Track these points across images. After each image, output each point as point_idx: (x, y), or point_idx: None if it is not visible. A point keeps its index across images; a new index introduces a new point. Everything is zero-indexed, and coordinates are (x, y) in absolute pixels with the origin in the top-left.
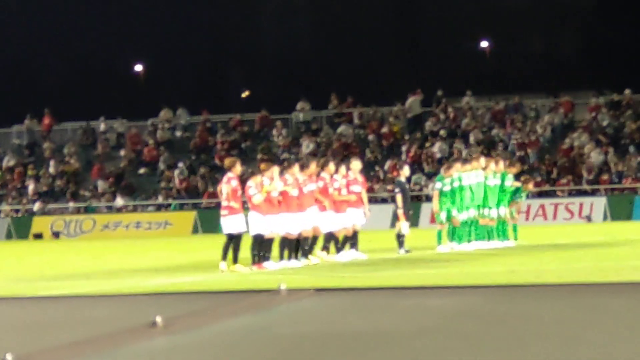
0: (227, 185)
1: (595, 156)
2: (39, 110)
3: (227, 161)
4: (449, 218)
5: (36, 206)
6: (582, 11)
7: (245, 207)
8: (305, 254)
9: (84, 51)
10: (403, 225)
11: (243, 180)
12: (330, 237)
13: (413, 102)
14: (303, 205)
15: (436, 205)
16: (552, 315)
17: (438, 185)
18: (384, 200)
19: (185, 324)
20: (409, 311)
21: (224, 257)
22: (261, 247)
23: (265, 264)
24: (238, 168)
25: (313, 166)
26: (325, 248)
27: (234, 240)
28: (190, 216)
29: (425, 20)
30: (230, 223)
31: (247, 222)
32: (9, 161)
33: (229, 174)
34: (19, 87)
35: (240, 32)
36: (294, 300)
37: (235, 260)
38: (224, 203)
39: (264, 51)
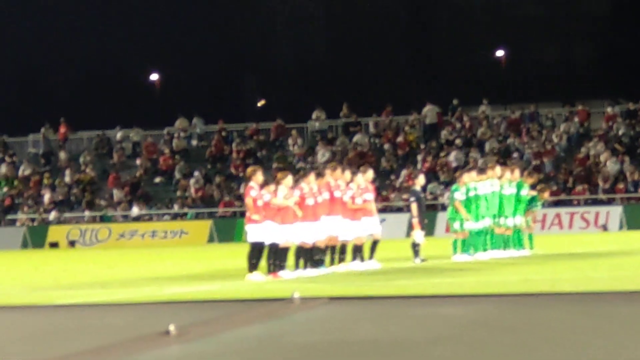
0: (248, 197)
1: (611, 165)
2: (55, 119)
3: (248, 170)
4: (463, 228)
5: (52, 215)
6: (598, 20)
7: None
8: (318, 264)
9: (99, 60)
10: (418, 234)
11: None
12: (344, 247)
13: (429, 110)
14: (317, 214)
15: (465, 214)
16: (566, 324)
17: (457, 195)
18: (399, 210)
19: (198, 332)
20: (424, 320)
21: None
22: (276, 256)
23: (281, 273)
24: (259, 177)
25: (333, 173)
26: (341, 259)
27: (254, 249)
28: (205, 225)
29: (441, 29)
30: (251, 232)
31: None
32: (24, 170)
33: (250, 184)
34: (34, 96)
35: (256, 41)
36: (307, 309)
37: (252, 268)
38: (247, 214)
39: (279, 60)
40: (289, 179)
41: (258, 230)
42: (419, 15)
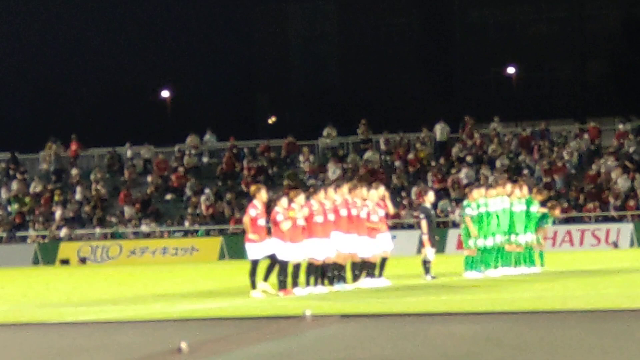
0: (246, 216)
1: (622, 182)
2: (66, 136)
3: (251, 188)
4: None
5: (63, 232)
6: (609, 38)
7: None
8: (331, 281)
9: (111, 77)
10: (428, 251)
11: (269, 206)
12: (363, 264)
13: (440, 129)
14: (328, 231)
15: (474, 230)
16: (578, 341)
17: (468, 211)
18: (410, 227)
19: (210, 349)
20: (435, 338)
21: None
22: (286, 273)
23: (294, 289)
24: (263, 195)
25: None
26: (356, 276)
27: (254, 267)
28: (216, 242)
29: (453, 47)
30: (249, 250)
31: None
32: (36, 187)
33: (254, 201)
34: (46, 113)
35: (268, 58)
36: (319, 327)
37: (253, 285)
38: (246, 232)
39: (291, 77)
40: (301, 197)
41: (256, 248)
42: (432, 33)
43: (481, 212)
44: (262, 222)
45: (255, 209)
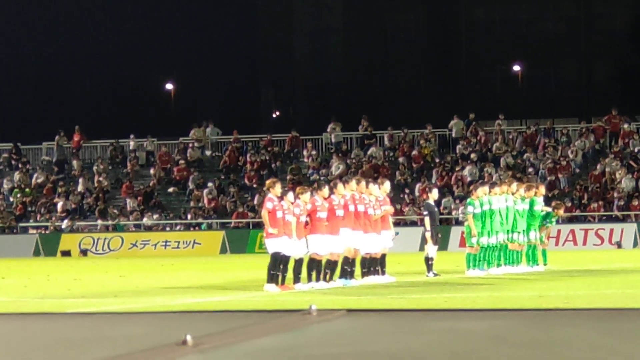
0: (264, 210)
1: (626, 182)
2: (69, 127)
3: (267, 182)
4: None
5: (65, 223)
6: (616, 37)
7: None
8: (332, 276)
9: (115, 69)
10: (430, 248)
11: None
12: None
13: (455, 124)
14: (331, 227)
15: (474, 228)
16: (581, 341)
17: (470, 209)
18: (413, 223)
19: (215, 342)
20: (440, 334)
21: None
22: (286, 268)
23: (297, 285)
24: (278, 189)
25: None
26: (364, 272)
27: (274, 261)
28: (218, 236)
29: (458, 44)
30: (269, 245)
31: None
32: (38, 178)
33: (269, 195)
34: (49, 105)
35: (273, 53)
36: (324, 321)
37: (270, 279)
38: (265, 227)
39: (295, 72)
40: (307, 195)
41: (277, 243)
42: (437, 30)
43: (484, 209)
44: (280, 214)
45: (272, 202)
